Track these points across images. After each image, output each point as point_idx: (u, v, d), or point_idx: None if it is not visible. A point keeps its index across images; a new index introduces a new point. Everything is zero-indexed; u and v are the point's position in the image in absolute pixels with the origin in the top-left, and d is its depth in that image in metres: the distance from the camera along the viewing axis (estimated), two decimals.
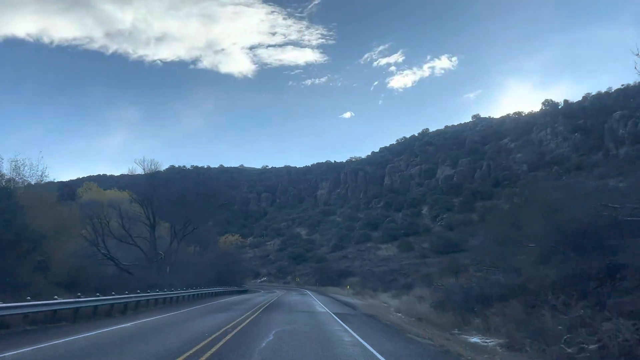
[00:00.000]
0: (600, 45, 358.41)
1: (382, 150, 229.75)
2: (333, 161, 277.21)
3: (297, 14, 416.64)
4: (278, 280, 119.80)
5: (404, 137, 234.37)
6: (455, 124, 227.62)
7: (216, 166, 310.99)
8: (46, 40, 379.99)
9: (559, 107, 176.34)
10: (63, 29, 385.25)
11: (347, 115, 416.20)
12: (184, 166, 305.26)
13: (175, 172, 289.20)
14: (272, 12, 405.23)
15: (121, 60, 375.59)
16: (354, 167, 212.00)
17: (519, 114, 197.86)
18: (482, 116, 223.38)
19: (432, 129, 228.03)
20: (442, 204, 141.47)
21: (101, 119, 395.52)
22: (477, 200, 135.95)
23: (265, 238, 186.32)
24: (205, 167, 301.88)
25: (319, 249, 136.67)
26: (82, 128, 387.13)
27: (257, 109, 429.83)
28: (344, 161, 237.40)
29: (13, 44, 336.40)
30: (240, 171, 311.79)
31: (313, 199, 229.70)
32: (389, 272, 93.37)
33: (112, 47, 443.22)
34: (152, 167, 56.18)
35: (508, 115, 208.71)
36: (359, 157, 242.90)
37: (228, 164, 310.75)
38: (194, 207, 55.93)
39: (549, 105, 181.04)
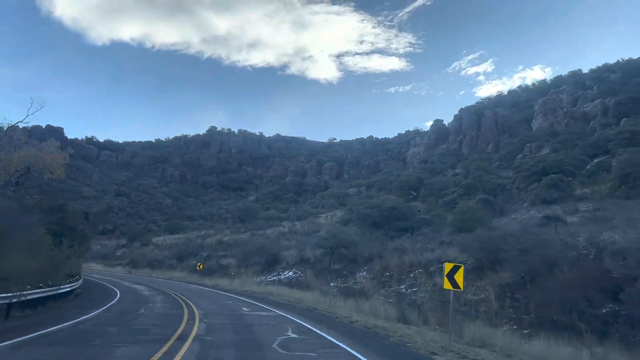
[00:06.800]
0: None
1: (512, 93, 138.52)
2: (422, 129, 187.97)
3: (386, 22, 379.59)
4: (322, 279, 33.33)
5: (542, 79, 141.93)
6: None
7: (272, 135, 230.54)
8: (148, 44, 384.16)
9: None
10: (164, 34, 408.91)
11: (429, 124, 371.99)
12: (230, 129, 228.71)
13: (216, 134, 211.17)
14: (362, 20, 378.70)
15: (215, 65, 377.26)
16: (475, 109, 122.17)
17: None
18: None
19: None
20: None
21: (192, 119, 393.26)
22: None
23: (319, 209, 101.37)
24: (257, 133, 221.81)
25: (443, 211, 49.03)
26: (174, 127, 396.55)
27: (339, 114, 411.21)
28: (446, 123, 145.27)
29: (118, 47, 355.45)
30: (300, 141, 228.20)
31: (400, 164, 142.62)
32: None
33: (208, 52, 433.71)
34: None
35: None
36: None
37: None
38: None
39: None
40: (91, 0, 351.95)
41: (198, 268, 45.81)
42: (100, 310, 17.66)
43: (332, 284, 23.03)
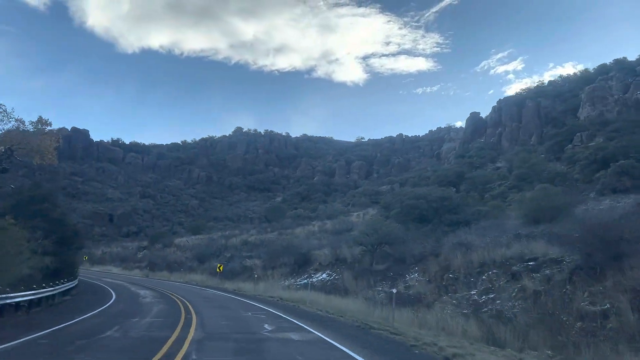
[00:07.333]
0: None
1: (552, 83, 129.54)
2: (458, 125, 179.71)
3: (413, 23, 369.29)
4: (362, 282, 26.87)
5: (585, 68, 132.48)
6: None
7: (298, 135, 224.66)
8: (177, 51, 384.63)
9: None
10: (193, 41, 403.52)
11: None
12: (256, 130, 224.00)
13: (242, 135, 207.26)
14: (388, 21, 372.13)
15: (242, 70, 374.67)
16: (515, 100, 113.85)
17: None
18: None
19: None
20: None
21: (219, 124, 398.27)
22: None
23: (350, 207, 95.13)
24: (284, 133, 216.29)
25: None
26: (201, 131, 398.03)
27: (366, 116, 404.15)
28: (483, 116, 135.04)
29: (148, 54, 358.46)
30: (328, 141, 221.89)
31: (434, 160, 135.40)
32: None
33: (235, 58, 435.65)
34: None
35: None
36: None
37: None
38: None
39: None
40: (122, 10, 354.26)
41: (218, 270, 39.99)
42: (44, 332, 11.83)
43: (393, 290, 16.46)
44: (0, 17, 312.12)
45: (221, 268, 39.76)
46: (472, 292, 21.07)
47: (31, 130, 27.96)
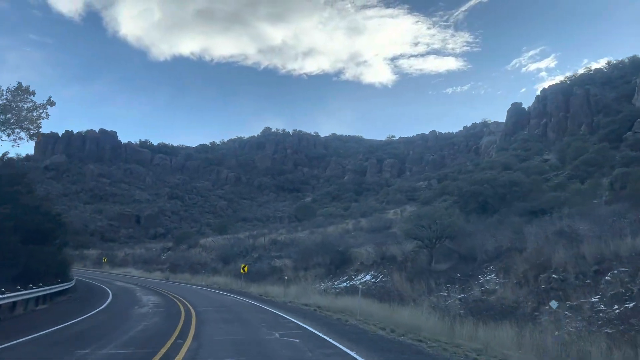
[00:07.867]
0: None
1: (597, 71, 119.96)
2: (493, 121, 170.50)
3: (442, 23, 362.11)
4: (419, 286, 20.64)
5: (634, 54, 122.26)
6: None
7: (327, 134, 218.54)
8: (207, 58, 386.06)
9: None
10: (222, 47, 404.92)
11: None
12: (284, 130, 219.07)
13: (271, 135, 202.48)
14: (417, 22, 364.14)
15: (271, 74, 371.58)
16: (560, 89, 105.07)
17: None
18: None
19: None
20: None
21: (247, 127, 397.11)
22: None
23: (385, 205, 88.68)
24: (313, 133, 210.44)
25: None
26: (230, 135, 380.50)
27: (395, 117, 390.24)
28: (526, 108, 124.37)
29: (179, 61, 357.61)
30: (357, 140, 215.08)
31: (472, 155, 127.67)
32: None
33: (264, 63, 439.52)
34: None
35: None
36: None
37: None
38: None
39: None
40: (154, 19, 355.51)
41: (242, 271, 34.37)
42: None
43: (552, 304, 8.22)
44: (38, 29, 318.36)
45: (246, 269, 34.12)
46: (594, 300, 14.67)
47: (9, 99, 22.71)
